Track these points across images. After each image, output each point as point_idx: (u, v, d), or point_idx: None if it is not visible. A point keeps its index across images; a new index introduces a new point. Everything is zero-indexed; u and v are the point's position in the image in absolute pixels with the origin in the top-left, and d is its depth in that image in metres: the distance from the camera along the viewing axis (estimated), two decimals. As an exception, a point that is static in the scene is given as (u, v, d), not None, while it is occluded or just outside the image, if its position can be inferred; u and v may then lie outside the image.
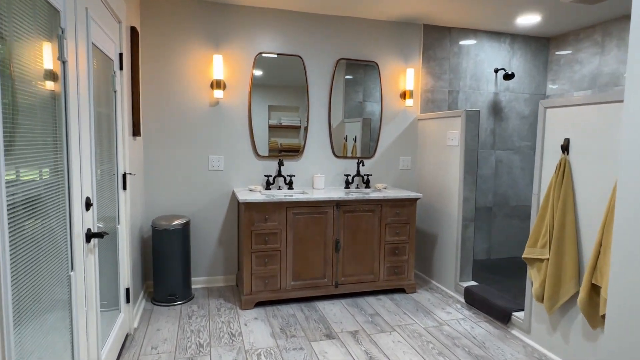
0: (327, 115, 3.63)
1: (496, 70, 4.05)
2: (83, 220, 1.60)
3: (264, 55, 3.39)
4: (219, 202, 3.41)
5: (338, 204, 3.14)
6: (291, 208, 3.04)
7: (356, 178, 3.75)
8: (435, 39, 3.84)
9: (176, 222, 3.05)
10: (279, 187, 3.47)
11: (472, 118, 3.20)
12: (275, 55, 3.41)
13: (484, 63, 4.01)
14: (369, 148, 3.74)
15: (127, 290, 2.53)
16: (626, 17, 3.45)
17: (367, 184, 3.68)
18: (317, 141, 3.61)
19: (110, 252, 2.18)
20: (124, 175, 2.47)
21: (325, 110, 3.62)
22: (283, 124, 3.47)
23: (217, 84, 3.23)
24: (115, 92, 2.28)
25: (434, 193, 3.62)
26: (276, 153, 3.50)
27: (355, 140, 3.69)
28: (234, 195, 3.44)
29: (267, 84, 3.41)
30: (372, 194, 3.24)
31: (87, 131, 1.65)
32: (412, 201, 3.33)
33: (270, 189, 3.42)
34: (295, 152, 3.48)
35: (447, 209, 3.41)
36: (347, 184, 3.62)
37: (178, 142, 3.28)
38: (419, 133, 3.85)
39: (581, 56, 3.86)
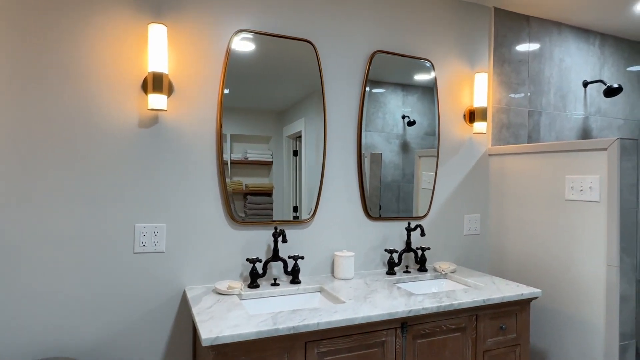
0: (357, 146, 2.10)
1: (586, 84, 2.76)
2: None
3: (243, 37, 1.82)
4: (153, 322, 1.70)
5: (404, 323, 1.55)
6: (315, 344, 1.41)
7: (404, 255, 2.19)
8: (509, 30, 2.48)
9: (48, 387, 1.31)
10: (275, 280, 1.82)
11: (628, 152, 1.80)
12: (269, 37, 1.86)
13: (570, 72, 2.71)
14: (374, 197, 2.18)
15: None
16: None
17: (422, 264, 2.13)
18: (338, 192, 2.04)
19: None
20: None
21: (353, 136, 2.08)
22: (250, 159, 1.88)
23: (156, 83, 1.61)
24: None
25: (538, 281, 2.13)
26: (255, 219, 1.87)
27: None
28: (185, 305, 1.75)
29: (230, 105, 1.83)
30: (461, 295, 1.69)
31: None
32: (524, 304, 1.82)
33: (258, 285, 1.76)
34: (266, 195, 1.86)
35: (575, 314, 1.93)
36: (391, 267, 2.05)
37: (66, 198, 1.58)
38: (493, 176, 2.41)
39: None
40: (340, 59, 2.03)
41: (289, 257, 1.85)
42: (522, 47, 2.52)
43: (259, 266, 1.86)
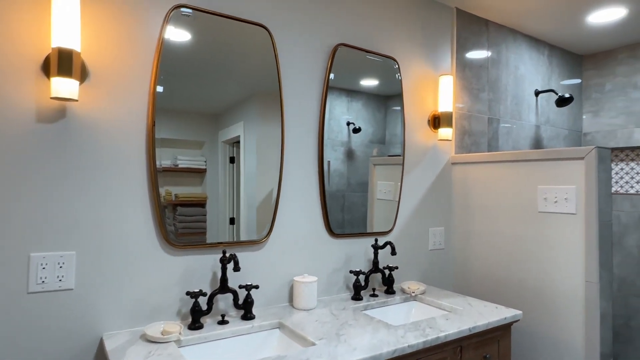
0: (318, 152, 1.82)
1: (537, 93, 2.75)
2: None
3: (184, 14, 1.47)
4: (58, 379, 1.26)
5: (388, 365, 1.29)
6: (284, 405, 1.09)
7: (372, 276, 1.94)
8: (471, 33, 2.37)
9: None
10: (222, 316, 1.46)
11: (604, 162, 1.71)
12: (214, 17, 1.52)
13: (524, 80, 2.68)
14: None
15: None
16: None
17: (389, 286, 1.89)
18: (297, 206, 1.74)
19: None
20: None
21: (313, 141, 1.80)
22: (180, 166, 1.53)
23: (63, 63, 1.19)
24: None
25: (509, 300, 2.00)
26: (192, 242, 1.52)
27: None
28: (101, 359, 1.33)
29: (159, 105, 1.47)
30: (444, 324, 1.46)
31: None
32: (506, 328, 1.65)
33: (201, 325, 1.39)
34: (199, 206, 1.51)
35: (552, 334, 1.80)
36: (357, 291, 1.79)
37: None
38: (456, 186, 2.26)
39: (643, 79, 2.78)
40: (299, 49, 1.74)
41: (240, 287, 1.51)
42: (482, 52, 2.42)
43: (203, 301, 1.48)
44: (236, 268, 1.37)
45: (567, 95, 2.59)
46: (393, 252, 1.73)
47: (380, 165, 2.07)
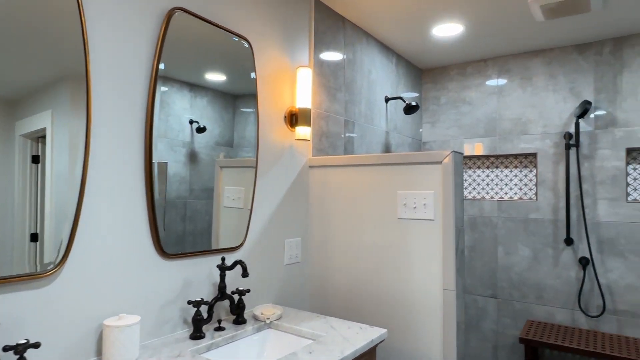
0: (144, 148, 1.36)
1: (387, 99, 2.77)
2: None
3: None
4: None
5: None
6: None
7: (218, 305, 1.55)
8: (328, 28, 2.21)
9: None
10: (-31, 402, 0.90)
11: (458, 166, 1.70)
12: None
13: (376, 85, 2.66)
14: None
15: None
16: (530, 53, 2.84)
17: (239, 314, 1.54)
18: (111, 218, 1.25)
19: None
20: None
21: (138, 132, 1.34)
22: None
23: None
24: None
25: (371, 316, 1.85)
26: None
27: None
28: None
29: None
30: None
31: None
32: (372, 351, 1.47)
33: None
34: None
35: (413, 347, 1.71)
36: (198, 326, 1.38)
37: None
38: (314, 192, 2.05)
39: (471, 96, 3.06)
40: (118, 8, 1.27)
41: (6, 349, 0.96)
42: (339, 50, 2.29)
43: None
44: (-11, 325, 0.84)
45: (413, 104, 2.66)
46: (245, 274, 1.39)
47: (228, 167, 1.72)
